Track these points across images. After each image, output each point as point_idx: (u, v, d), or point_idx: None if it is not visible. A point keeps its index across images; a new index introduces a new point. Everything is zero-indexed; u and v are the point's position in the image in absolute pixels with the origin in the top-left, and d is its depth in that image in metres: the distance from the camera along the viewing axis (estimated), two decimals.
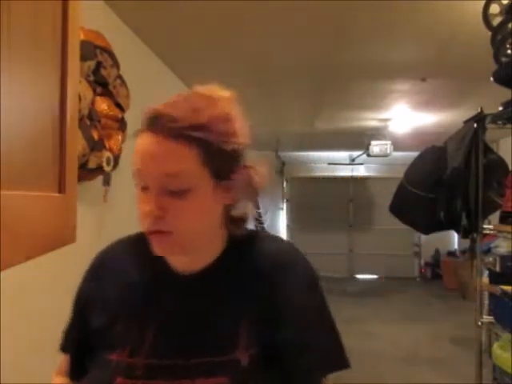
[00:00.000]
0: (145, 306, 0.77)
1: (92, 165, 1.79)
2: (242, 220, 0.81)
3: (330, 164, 8.56)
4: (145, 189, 0.71)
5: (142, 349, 0.73)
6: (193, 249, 0.76)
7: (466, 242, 2.83)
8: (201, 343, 0.72)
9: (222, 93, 0.78)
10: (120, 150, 2.01)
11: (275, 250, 0.81)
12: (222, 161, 0.71)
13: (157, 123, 0.69)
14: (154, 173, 0.68)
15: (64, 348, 0.83)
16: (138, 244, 0.80)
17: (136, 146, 0.71)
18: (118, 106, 2.01)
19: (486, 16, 1.93)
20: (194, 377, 0.69)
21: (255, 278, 0.77)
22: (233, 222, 0.80)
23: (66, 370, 0.83)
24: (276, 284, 0.75)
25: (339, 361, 0.76)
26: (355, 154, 7.77)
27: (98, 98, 1.86)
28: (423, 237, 7.80)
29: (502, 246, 3.80)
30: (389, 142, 5.75)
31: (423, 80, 3.58)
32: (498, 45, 1.89)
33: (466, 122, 2.43)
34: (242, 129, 0.75)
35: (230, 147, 0.71)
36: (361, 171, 8.59)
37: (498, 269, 2.83)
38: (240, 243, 0.79)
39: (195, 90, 0.78)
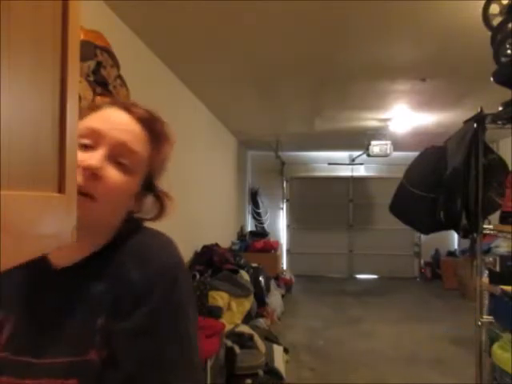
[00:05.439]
0: (9, 296, 0.74)
1: None
2: (137, 224, 0.80)
3: (330, 164, 8.56)
4: (88, 147, 0.70)
5: None
6: (93, 229, 0.73)
7: (466, 242, 2.83)
8: (56, 342, 0.70)
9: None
10: None
11: (147, 253, 0.75)
12: (154, 174, 0.79)
13: (134, 107, 0.76)
14: (117, 138, 0.72)
15: None
16: None
17: (106, 113, 0.75)
18: None
19: (486, 16, 1.93)
20: (43, 376, 0.67)
21: (121, 279, 0.72)
22: (127, 226, 0.78)
23: None
24: (137, 285, 0.71)
25: (179, 376, 0.70)
26: (355, 153, 7.77)
27: (98, 98, 1.86)
28: (423, 237, 7.80)
29: (502, 246, 3.81)
30: (389, 142, 5.75)
31: (423, 80, 3.58)
32: (497, 45, 1.89)
33: (466, 122, 2.43)
34: None
35: (163, 169, 0.81)
36: (361, 171, 8.59)
37: (497, 269, 2.82)
38: (120, 243, 0.76)
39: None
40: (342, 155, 8.47)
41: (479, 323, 2.32)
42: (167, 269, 0.74)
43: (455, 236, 7.66)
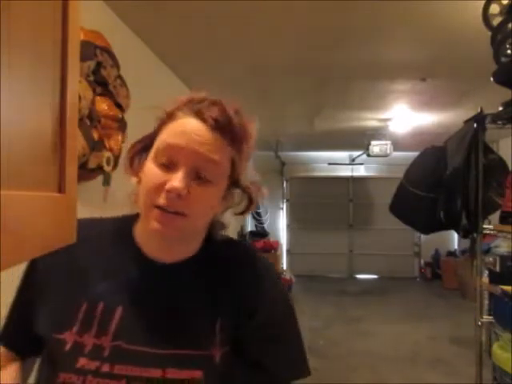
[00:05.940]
0: (115, 287, 0.75)
1: (92, 165, 1.79)
2: (223, 226, 0.84)
3: (330, 164, 8.56)
4: (168, 165, 0.71)
5: (108, 330, 0.72)
6: (188, 238, 0.78)
7: (466, 242, 2.83)
8: (175, 335, 0.73)
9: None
10: (120, 150, 2.01)
11: (250, 256, 0.86)
12: (239, 172, 0.78)
13: (208, 112, 0.73)
14: (197, 154, 0.70)
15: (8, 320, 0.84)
16: (120, 226, 0.82)
17: (181, 126, 0.73)
18: (118, 105, 2.01)
19: (486, 16, 1.93)
20: (166, 366, 0.69)
21: (231, 279, 0.79)
22: (215, 226, 0.82)
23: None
24: (251, 288, 0.79)
25: (303, 369, 0.82)
26: (355, 153, 7.77)
27: (98, 98, 1.86)
28: (423, 237, 7.80)
29: (502, 246, 3.80)
30: (389, 142, 5.75)
31: (423, 80, 3.58)
32: (497, 45, 1.89)
33: (466, 121, 2.43)
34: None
35: (248, 165, 0.80)
36: (361, 171, 8.59)
37: (498, 269, 2.83)
38: (215, 245, 0.82)
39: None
40: (342, 155, 8.47)
41: (479, 323, 2.33)
42: (277, 278, 0.90)
43: (455, 236, 7.66)
